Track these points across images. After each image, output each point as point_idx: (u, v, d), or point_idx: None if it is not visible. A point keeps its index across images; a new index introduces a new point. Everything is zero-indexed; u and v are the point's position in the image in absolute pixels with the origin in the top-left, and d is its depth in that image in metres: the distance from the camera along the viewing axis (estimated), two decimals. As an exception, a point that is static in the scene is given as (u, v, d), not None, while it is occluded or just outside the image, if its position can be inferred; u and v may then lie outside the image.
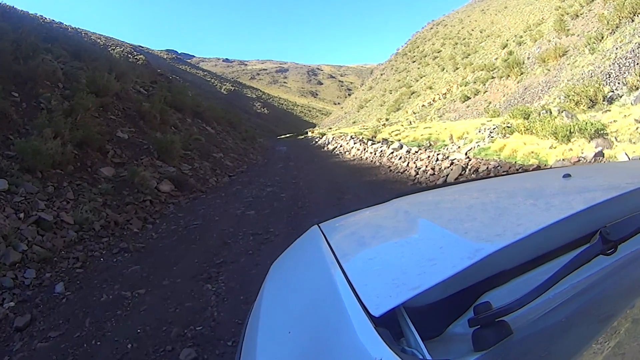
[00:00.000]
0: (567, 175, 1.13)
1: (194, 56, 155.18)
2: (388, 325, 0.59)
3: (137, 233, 4.77)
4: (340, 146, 16.91)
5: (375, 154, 11.51)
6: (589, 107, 11.63)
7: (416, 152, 9.59)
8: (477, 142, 9.82)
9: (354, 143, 14.89)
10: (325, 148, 19.30)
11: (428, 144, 14.28)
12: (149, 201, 5.54)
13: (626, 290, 0.65)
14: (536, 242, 0.72)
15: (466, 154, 9.28)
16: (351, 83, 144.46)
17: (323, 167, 11.36)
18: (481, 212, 1.05)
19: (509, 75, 30.44)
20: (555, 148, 7.27)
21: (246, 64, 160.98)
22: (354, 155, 13.03)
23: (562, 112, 11.28)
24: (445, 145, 11.70)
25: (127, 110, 9.14)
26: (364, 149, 12.85)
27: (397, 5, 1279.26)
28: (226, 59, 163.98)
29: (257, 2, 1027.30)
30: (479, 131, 11.26)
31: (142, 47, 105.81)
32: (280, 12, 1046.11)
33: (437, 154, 8.21)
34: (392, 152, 10.37)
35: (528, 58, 29.77)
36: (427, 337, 0.61)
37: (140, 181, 5.64)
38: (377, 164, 10.18)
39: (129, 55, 52.41)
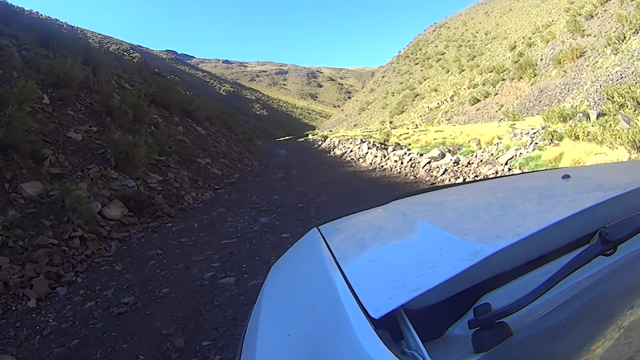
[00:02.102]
0: (566, 176, 1.13)
1: (194, 57, 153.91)
2: (388, 327, 0.58)
3: (31, 311, 2.80)
4: (351, 151, 14.63)
5: (402, 162, 9.36)
6: (634, 111, 10.16)
7: (469, 163, 7.72)
8: (517, 150, 8.15)
9: (368, 148, 12.71)
10: (332, 153, 17.08)
11: (447, 150, 12.65)
12: (78, 238, 3.66)
13: (626, 290, 0.65)
14: (536, 243, 0.71)
15: (506, 163, 7.63)
16: (351, 86, 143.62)
17: (337, 179, 8.80)
18: (480, 213, 1.05)
19: (521, 77, 29.50)
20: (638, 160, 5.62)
21: (246, 66, 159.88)
22: (371, 164, 10.85)
23: (603, 115, 9.75)
24: (472, 152, 10.03)
25: (93, 104, 7.45)
26: (384, 156, 10.77)
27: (397, 9, 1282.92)
28: (226, 60, 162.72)
29: (257, 4, 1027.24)
30: (514, 136, 9.59)
31: (142, 46, 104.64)
32: (280, 15, 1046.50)
33: (508, 168, 6.51)
34: (429, 162, 8.40)
35: (541, 59, 28.90)
36: (427, 339, 0.59)
37: (73, 205, 3.82)
38: (411, 177, 8.02)
39: (125, 53, 51.00)
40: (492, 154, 8.99)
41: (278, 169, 12.02)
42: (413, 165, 8.96)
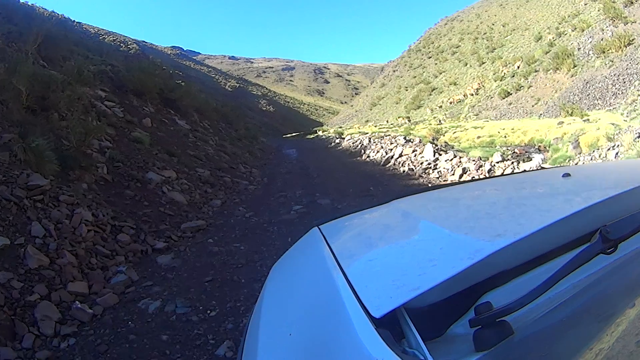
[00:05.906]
0: (566, 175, 1.11)
1: (200, 53, 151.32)
2: (389, 326, 0.58)
3: None
4: (400, 155, 9.99)
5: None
6: None
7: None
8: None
9: (437, 154, 8.34)
10: (364, 157, 12.49)
11: (513, 153, 9.47)
12: None
13: (626, 289, 0.64)
14: (536, 241, 0.70)
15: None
16: (358, 82, 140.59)
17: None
18: (481, 211, 1.03)
19: (557, 68, 26.40)
20: None
21: (252, 62, 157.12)
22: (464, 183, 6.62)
23: None
24: (569, 158, 6.88)
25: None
26: (487, 170, 6.92)
27: (403, 5, 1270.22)
28: (232, 56, 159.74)
29: (264, 1, 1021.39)
30: (639, 136, 6.42)
31: (146, 42, 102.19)
32: (287, 11, 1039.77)
33: None
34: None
35: (578, 49, 25.91)
36: (428, 338, 0.59)
37: None
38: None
39: (121, 44, 48.37)
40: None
41: (291, 188, 7.84)
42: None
